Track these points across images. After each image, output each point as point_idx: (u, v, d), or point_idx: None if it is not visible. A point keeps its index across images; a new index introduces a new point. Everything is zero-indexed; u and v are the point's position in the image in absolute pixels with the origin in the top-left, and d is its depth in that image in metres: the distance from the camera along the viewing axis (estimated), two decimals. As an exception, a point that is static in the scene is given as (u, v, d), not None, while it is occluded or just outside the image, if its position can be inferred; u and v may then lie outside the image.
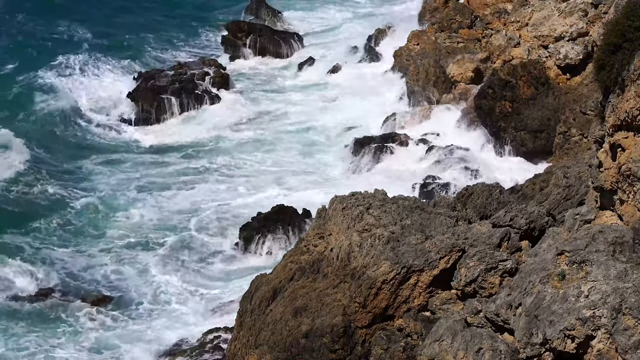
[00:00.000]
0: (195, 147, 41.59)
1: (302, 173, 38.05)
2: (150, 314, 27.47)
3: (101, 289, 28.67)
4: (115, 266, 30.20)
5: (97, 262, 30.44)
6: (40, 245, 31.17)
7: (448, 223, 19.30)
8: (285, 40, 55.82)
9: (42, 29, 57.96)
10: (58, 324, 26.66)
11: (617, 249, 13.40)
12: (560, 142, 33.35)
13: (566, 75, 38.25)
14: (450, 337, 14.65)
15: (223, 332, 25.14)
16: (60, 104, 44.93)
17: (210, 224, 33.26)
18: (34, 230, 32.32)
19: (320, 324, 18.10)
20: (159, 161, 39.77)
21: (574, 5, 39.55)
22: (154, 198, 35.28)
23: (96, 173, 37.97)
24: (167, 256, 30.82)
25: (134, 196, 35.42)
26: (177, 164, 39.46)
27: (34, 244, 31.26)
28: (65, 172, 37.99)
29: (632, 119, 14.26)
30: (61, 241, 31.76)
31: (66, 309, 27.35)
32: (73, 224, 33.14)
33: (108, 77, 49.59)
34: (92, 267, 30.12)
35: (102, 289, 28.72)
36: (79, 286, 28.88)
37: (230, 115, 45.22)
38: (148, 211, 34.04)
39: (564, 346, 12.84)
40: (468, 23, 46.08)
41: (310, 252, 20.60)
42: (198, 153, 40.65)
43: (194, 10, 65.09)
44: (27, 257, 30.08)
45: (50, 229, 32.53)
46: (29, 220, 32.86)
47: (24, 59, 51.22)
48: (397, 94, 44.16)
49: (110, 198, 35.18)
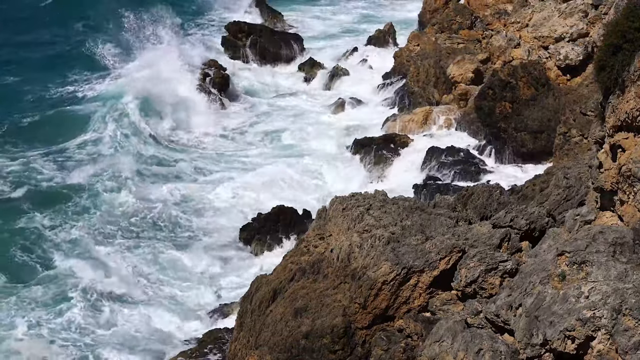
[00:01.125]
0: (197, 145, 41.83)
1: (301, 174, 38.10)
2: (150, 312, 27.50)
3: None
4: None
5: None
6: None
7: (448, 224, 19.30)
8: (285, 41, 55.87)
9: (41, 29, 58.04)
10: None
11: (618, 249, 13.40)
12: (561, 143, 33.33)
13: (566, 76, 38.26)
14: (450, 338, 14.65)
15: (223, 333, 25.14)
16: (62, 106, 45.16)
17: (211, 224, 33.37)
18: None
19: (321, 325, 18.10)
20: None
21: (574, 6, 39.56)
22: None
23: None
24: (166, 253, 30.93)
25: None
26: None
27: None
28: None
29: (632, 120, 14.27)
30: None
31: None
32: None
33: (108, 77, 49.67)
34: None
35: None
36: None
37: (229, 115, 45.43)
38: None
39: (564, 347, 12.84)
40: (468, 24, 46.11)
41: (311, 252, 20.60)
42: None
43: (194, 10, 65.12)
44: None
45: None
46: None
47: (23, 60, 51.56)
48: (397, 94, 44.23)
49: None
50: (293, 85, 50.63)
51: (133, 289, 28.38)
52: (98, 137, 40.51)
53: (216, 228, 32.96)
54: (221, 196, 35.45)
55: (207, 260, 30.47)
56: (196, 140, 42.39)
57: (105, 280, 28.45)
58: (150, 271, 29.65)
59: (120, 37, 51.96)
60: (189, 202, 35.04)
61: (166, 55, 47.87)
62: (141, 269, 29.69)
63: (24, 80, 48.80)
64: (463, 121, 39.36)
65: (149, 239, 31.96)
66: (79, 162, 37.73)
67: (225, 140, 42.60)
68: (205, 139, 42.51)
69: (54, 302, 27.06)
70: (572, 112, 33.41)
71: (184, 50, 49.52)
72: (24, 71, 50.02)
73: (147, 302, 27.73)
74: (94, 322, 26.42)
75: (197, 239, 32.12)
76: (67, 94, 46.96)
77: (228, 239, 32.02)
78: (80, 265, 29.11)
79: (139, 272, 29.43)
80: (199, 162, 39.47)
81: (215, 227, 33.07)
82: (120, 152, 39.04)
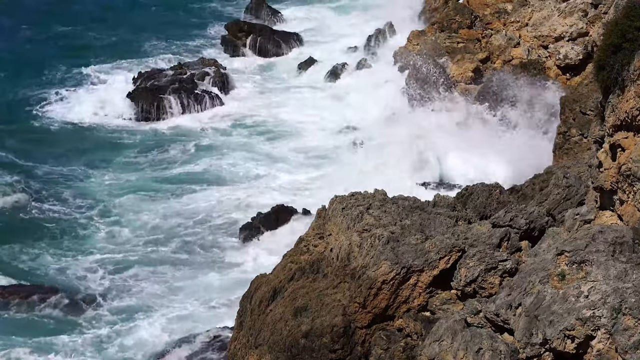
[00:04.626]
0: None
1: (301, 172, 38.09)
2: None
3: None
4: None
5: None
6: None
7: (448, 223, 19.29)
8: (285, 40, 55.84)
9: (41, 29, 58.02)
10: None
11: (617, 249, 13.40)
12: (560, 142, 33.34)
13: (566, 75, 38.29)
14: (450, 337, 14.64)
15: (223, 332, 25.15)
16: (60, 108, 45.14)
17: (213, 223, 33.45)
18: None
19: (320, 324, 18.09)
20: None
21: (574, 6, 39.58)
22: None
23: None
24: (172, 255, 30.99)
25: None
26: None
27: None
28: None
29: (632, 119, 14.26)
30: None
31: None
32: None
33: (108, 78, 49.62)
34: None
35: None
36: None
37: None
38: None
39: (563, 346, 12.83)
40: (468, 23, 46.07)
41: (310, 252, 20.59)
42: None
43: (194, 10, 65.10)
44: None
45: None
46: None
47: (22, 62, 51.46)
48: (397, 94, 44.19)
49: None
50: (293, 84, 50.58)
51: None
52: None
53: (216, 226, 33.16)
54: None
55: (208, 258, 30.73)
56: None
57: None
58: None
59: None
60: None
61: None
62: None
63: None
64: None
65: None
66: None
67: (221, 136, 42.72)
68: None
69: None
70: (571, 111, 33.40)
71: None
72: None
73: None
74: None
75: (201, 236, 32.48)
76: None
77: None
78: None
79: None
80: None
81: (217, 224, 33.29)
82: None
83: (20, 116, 44.48)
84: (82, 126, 43.67)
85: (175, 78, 47.37)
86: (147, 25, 59.97)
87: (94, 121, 44.30)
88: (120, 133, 43.14)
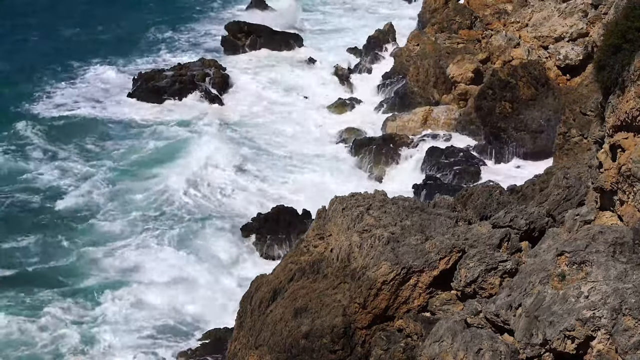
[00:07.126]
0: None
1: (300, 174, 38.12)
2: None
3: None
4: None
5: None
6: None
7: (448, 224, 19.29)
8: (284, 41, 55.85)
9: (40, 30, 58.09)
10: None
11: (617, 249, 13.40)
12: (561, 143, 33.38)
13: (566, 76, 38.29)
14: (450, 338, 14.64)
15: (223, 333, 25.14)
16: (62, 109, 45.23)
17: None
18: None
19: (320, 325, 18.09)
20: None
21: (574, 6, 39.59)
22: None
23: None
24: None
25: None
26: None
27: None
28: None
29: (632, 120, 14.26)
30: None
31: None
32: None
33: (108, 77, 49.66)
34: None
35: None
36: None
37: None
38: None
39: (564, 347, 12.83)
40: (468, 24, 46.11)
41: (310, 252, 20.58)
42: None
43: (194, 10, 65.16)
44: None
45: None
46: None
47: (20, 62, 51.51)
48: (397, 94, 44.21)
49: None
50: (292, 84, 50.59)
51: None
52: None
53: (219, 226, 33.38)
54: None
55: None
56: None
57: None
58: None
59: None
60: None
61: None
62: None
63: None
64: (463, 121, 39.34)
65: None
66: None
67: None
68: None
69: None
70: (572, 111, 33.43)
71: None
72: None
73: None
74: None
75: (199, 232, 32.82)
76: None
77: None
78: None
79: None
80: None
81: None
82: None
83: (9, 114, 44.45)
84: (82, 126, 43.66)
85: (175, 79, 47.40)
86: (147, 25, 60.01)
87: (92, 116, 44.39)
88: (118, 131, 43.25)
